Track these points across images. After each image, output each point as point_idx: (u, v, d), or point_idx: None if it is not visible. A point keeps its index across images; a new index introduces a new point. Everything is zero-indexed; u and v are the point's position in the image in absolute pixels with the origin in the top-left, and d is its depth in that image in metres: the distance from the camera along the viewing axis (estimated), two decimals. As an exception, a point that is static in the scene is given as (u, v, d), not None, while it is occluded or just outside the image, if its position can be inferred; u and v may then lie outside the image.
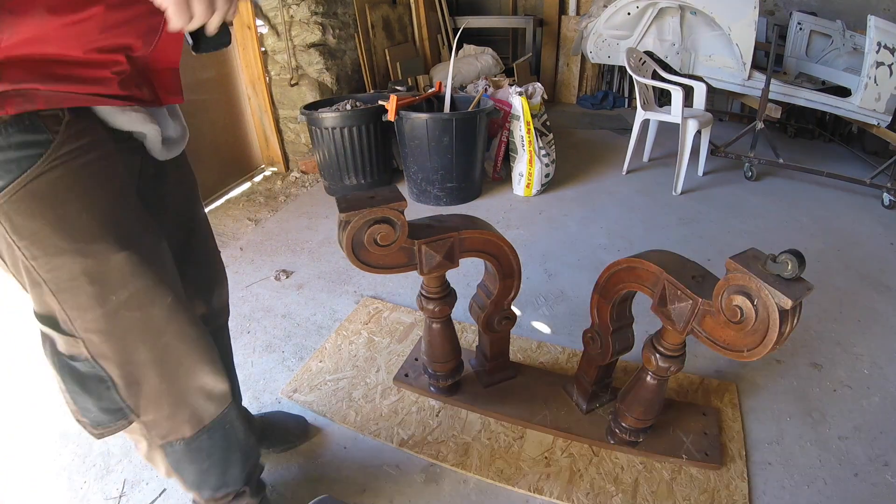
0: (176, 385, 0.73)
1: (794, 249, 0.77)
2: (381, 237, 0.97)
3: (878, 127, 2.77)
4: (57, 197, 0.58)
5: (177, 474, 0.86)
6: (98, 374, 0.67)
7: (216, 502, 0.96)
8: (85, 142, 0.60)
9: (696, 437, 1.25)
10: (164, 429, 0.76)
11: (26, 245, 0.59)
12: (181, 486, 0.92)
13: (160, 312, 0.68)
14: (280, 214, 2.63)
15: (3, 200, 0.55)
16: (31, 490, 1.22)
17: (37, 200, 0.56)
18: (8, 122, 0.53)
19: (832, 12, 3.67)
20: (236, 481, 0.94)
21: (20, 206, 0.56)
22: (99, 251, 0.61)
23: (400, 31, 3.80)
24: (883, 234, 2.38)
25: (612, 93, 4.69)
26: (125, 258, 0.62)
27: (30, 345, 1.71)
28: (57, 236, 0.59)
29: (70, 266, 0.60)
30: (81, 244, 0.60)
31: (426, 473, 1.23)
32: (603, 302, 1.15)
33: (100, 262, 0.61)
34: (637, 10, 3.19)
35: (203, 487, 0.91)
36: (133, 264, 0.63)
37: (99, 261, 0.61)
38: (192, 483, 0.89)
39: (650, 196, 2.78)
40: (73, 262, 0.60)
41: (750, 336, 0.84)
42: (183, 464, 0.83)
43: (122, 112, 0.64)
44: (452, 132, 2.42)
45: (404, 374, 1.49)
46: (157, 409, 0.72)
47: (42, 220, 0.57)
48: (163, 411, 0.73)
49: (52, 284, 0.61)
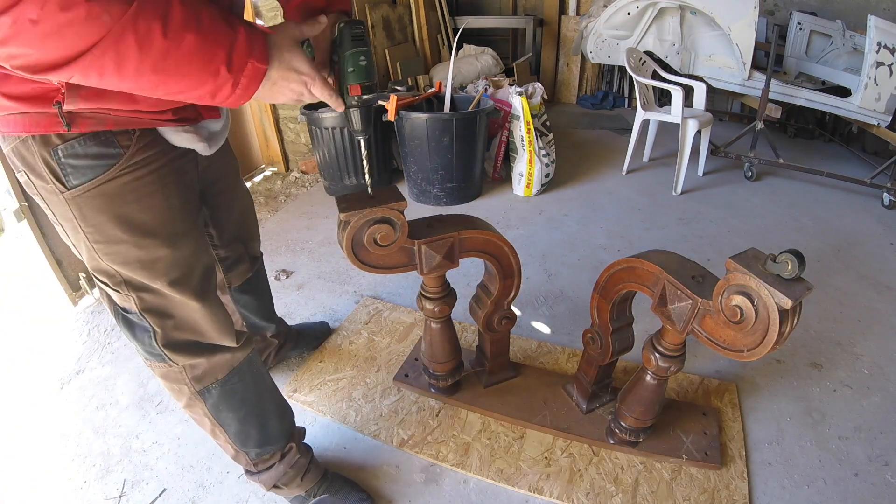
0: (204, 338, 0.88)
1: (794, 249, 0.77)
2: (381, 237, 0.97)
3: (878, 127, 2.77)
4: (122, 198, 0.72)
5: (220, 426, 0.96)
6: (143, 325, 0.82)
7: (265, 463, 1.04)
8: (149, 155, 0.74)
9: (696, 437, 1.25)
10: (200, 371, 0.88)
11: (91, 232, 0.73)
12: (228, 446, 1.00)
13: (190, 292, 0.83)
14: (280, 214, 2.63)
15: (78, 195, 0.70)
16: (31, 490, 1.22)
17: (105, 199, 0.71)
18: (87, 136, 0.67)
19: (832, 12, 3.67)
20: (278, 438, 1.04)
21: (91, 202, 0.70)
22: (149, 245, 0.76)
23: (400, 31, 3.80)
24: (883, 234, 2.38)
25: (612, 93, 4.69)
26: (169, 254, 0.78)
27: (30, 345, 1.71)
28: (118, 229, 0.73)
29: (125, 253, 0.75)
30: (137, 238, 0.74)
31: (426, 473, 1.23)
32: (603, 302, 1.15)
33: (149, 254, 0.76)
34: (637, 10, 3.18)
35: (248, 443, 1.00)
36: (175, 259, 0.79)
37: (148, 252, 0.76)
38: (236, 436, 0.98)
39: (650, 196, 2.78)
40: (127, 250, 0.75)
41: (750, 336, 0.84)
42: (222, 411, 0.94)
43: (176, 132, 0.77)
44: (452, 132, 2.42)
45: (404, 374, 1.49)
46: (191, 357, 0.87)
47: (107, 216, 0.72)
48: (195, 359, 0.87)
49: (109, 261, 0.76)
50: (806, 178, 2.99)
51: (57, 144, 0.67)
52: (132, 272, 0.77)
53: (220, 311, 0.90)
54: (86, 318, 1.82)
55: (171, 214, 0.78)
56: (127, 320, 0.83)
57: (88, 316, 1.83)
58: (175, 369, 0.87)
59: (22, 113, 0.64)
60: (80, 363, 1.62)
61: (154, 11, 0.52)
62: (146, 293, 0.80)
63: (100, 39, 0.50)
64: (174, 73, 0.56)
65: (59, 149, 0.67)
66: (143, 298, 0.80)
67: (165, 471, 1.25)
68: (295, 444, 1.08)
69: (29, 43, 0.48)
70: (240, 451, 1.01)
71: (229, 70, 0.59)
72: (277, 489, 1.09)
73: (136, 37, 0.51)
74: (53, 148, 0.67)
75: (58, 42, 0.49)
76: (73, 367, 1.60)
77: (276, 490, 1.09)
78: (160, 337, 0.83)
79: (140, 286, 0.79)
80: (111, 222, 0.72)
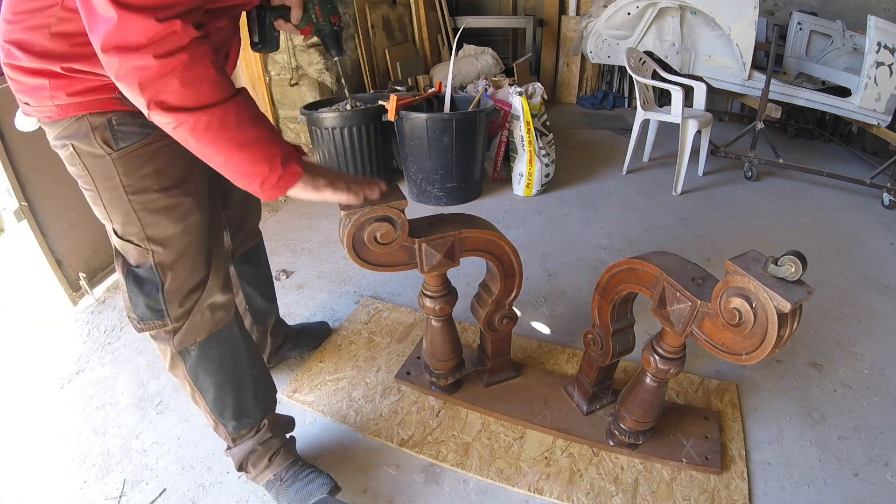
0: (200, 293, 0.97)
1: (795, 251, 0.77)
2: (382, 235, 0.98)
3: (878, 127, 2.77)
4: (157, 157, 0.87)
5: (199, 391, 1.03)
6: (153, 279, 0.92)
7: (241, 438, 1.10)
8: None
9: (696, 441, 1.25)
10: (183, 332, 0.97)
11: (130, 184, 0.86)
12: (207, 415, 1.06)
13: (203, 240, 0.95)
14: (280, 214, 2.63)
15: (123, 154, 0.84)
16: (31, 490, 1.22)
17: (145, 157, 0.86)
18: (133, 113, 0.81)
19: (832, 12, 3.66)
20: (254, 411, 1.09)
21: (134, 160, 0.85)
22: (175, 194, 0.90)
23: (400, 31, 3.80)
24: (883, 234, 2.38)
25: (612, 93, 4.69)
26: (190, 202, 0.92)
27: (30, 345, 1.71)
28: (152, 179, 0.87)
29: (157, 202, 0.88)
30: (166, 189, 0.88)
31: (426, 473, 1.23)
32: (604, 303, 1.15)
33: (175, 202, 0.90)
34: (637, 10, 3.19)
35: (225, 413, 1.06)
36: (194, 206, 0.92)
37: (175, 201, 0.90)
38: (213, 403, 1.04)
39: (650, 196, 2.78)
40: (158, 199, 0.88)
41: (748, 339, 0.84)
42: (200, 374, 1.01)
43: None
44: (452, 132, 2.42)
45: (406, 371, 1.49)
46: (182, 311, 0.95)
47: (143, 171, 0.86)
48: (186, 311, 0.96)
49: (141, 213, 0.88)
50: (806, 178, 2.99)
51: (111, 117, 0.81)
52: (157, 220, 0.90)
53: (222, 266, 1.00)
54: (86, 318, 1.82)
55: (192, 172, 0.92)
56: (136, 277, 0.93)
57: (88, 316, 1.83)
58: (166, 329, 0.96)
59: (89, 100, 0.78)
60: (80, 363, 1.61)
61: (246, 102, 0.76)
62: (163, 247, 0.91)
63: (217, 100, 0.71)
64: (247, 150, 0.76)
65: (112, 119, 0.81)
66: (159, 252, 0.91)
67: (165, 471, 1.25)
68: (268, 421, 1.12)
69: (174, 81, 0.66)
70: (218, 422, 1.07)
71: (282, 163, 0.79)
72: (245, 472, 1.14)
73: (236, 112, 0.73)
74: (108, 119, 0.81)
75: (192, 88, 0.68)
76: (73, 367, 1.60)
77: (245, 473, 1.14)
78: (167, 289, 0.93)
79: (160, 240, 0.91)
80: (148, 174, 0.86)
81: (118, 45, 0.63)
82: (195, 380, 1.02)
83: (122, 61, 0.64)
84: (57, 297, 1.86)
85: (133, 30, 0.62)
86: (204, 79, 0.69)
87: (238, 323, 1.07)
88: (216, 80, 0.70)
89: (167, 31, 0.63)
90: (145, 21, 0.61)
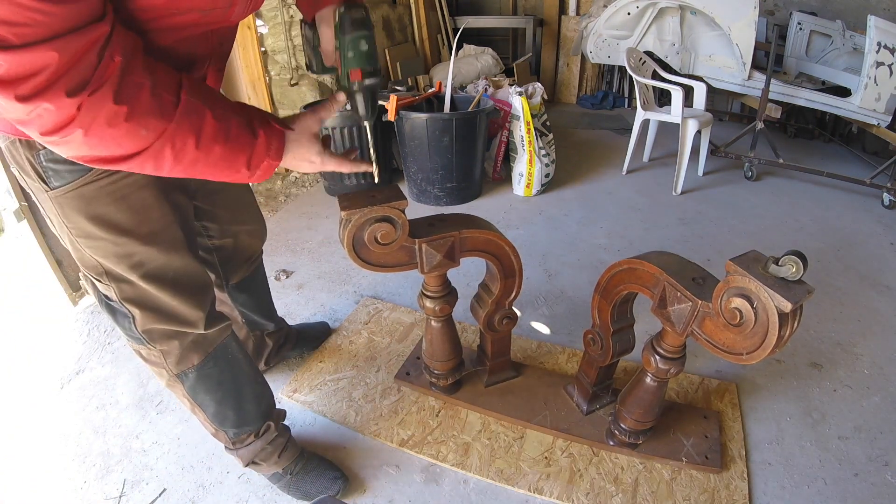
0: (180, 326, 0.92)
1: (796, 250, 0.77)
2: (382, 235, 0.98)
3: (878, 127, 2.77)
4: (99, 200, 0.77)
5: (198, 407, 1.01)
6: (123, 312, 0.88)
7: (242, 443, 1.09)
8: None
9: (696, 441, 1.25)
10: (176, 358, 0.94)
11: (73, 227, 0.78)
12: (207, 424, 1.05)
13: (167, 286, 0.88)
14: (280, 214, 2.63)
15: (60, 195, 0.75)
16: (31, 490, 1.22)
17: (83, 200, 0.76)
18: None
19: (832, 12, 3.66)
20: (255, 419, 1.08)
21: (71, 202, 0.76)
22: (125, 242, 0.81)
23: (400, 31, 3.80)
24: (883, 234, 2.38)
25: (612, 93, 4.69)
26: (145, 250, 0.83)
27: (30, 345, 1.71)
28: (96, 228, 0.78)
29: (104, 248, 0.81)
30: (114, 236, 0.80)
31: (426, 473, 1.23)
32: (604, 303, 1.15)
33: (125, 250, 0.81)
34: (637, 10, 3.18)
35: (225, 423, 1.05)
36: (150, 254, 0.84)
37: (125, 248, 0.81)
38: (214, 416, 1.03)
39: (650, 196, 2.78)
40: (105, 246, 0.80)
41: (749, 339, 0.84)
42: (199, 393, 0.99)
43: None
44: (452, 132, 2.42)
45: (406, 372, 1.49)
46: (168, 343, 0.92)
47: (85, 215, 0.77)
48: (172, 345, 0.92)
49: (91, 253, 0.82)
50: (806, 178, 2.99)
51: (39, 149, 0.71)
52: (112, 265, 0.83)
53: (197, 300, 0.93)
54: (86, 318, 1.82)
55: (146, 215, 0.82)
56: (109, 306, 0.90)
57: (88, 316, 1.83)
58: (154, 352, 0.93)
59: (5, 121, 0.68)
60: (80, 363, 1.61)
61: (189, 127, 0.60)
62: (125, 284, 0.86)
63: (142, 150, 0.59)
64: (203, 172, 0.66)
65: (41, 153, 0.71)
66: (123, 288, 0.86)
67: (165, 471, 1.25)
68: (273, 422, 1.13)
69: (83, 147, 0.56)
70: (219, 429, 1.06)
71: (248, 168, 0.69)
72: (255, 465, 1.14)
73: (173, 150, 0.61)
74: (37, 152, 0.71)
75: (105, 148, 0.57)
76: (73, 367, 1.60)
77: (253, 466, 1.14)
78: (139, 323, 0.89)
79: (119, 277, 0.85)
80: (89, 221, 0.78)
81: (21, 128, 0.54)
82: (194, 398, 1.00)
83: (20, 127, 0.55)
84: (57, 297, 1.86)
85: (4, 109, 0.51)
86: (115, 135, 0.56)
87: (234, 338, 1.04)
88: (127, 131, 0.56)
89: (34, 110, 0.50)
90: (6, 102, 0.49)
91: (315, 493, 1.15)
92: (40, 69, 0.47)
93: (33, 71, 0.47)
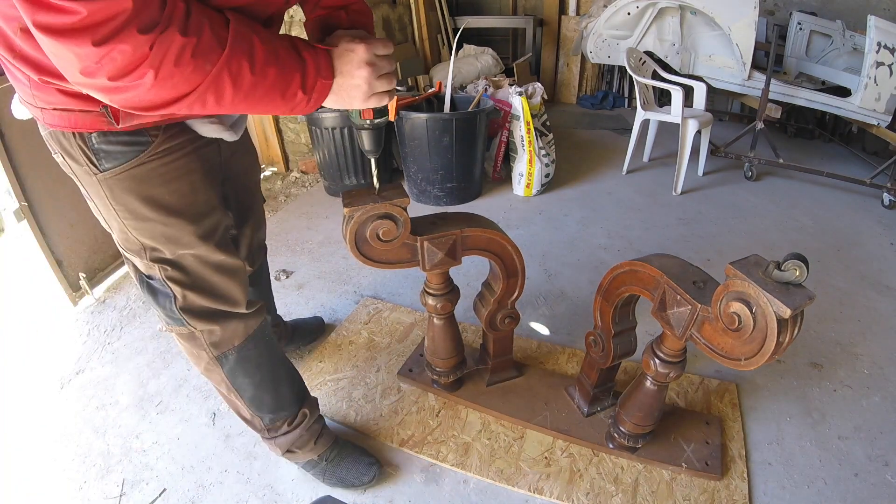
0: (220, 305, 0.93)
1: (798, 254, 0.76)
2: (384, 233, 0.99)
3: (878, 127, 2.77)
4: (150, 182, 0.79)
5: (236, 392, 1.02)
6: (165, 292, 0.89)
7: (277, 430, 1.10)
8: (175, 143, 0.81)
9: (697, 447, 1.24)
10: (217, 337, 0.94)
11: (121, 209, 0.80)
12: (242, 411, 1.06)
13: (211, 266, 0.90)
14: (280, 214, 2.63)
15: (110, 177, 0.77)
16: (31, 490, 1.22)
17: (134, 182, 0.78)
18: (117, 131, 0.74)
19: (832, 12, 3.66)
20: (291, 403, 1.10)
21: (121, 183, 0.78)
22: (174, 223, 0.83)
23: (400, 31, 3.80)
24: (883, 234, 2.38)
25: (612, 93, 4.69)
26: (193, 230, 0.85)
27: (30, 345, 1.71)
28: (146, 209, 0.81)
29: (152, 229, 0.83)
30: (163, 217, 0.82)
31: (426, 473, 1.23)
32: (605, 305, 1.15)
33: (174, 231, 0.84)
34: (637, 10, 3.18)
35: (262, 408, 1.06)
36: (198, 235, 0.86)
37: (174, 229, 0.83)
38: (251, 400, 1.04)
39: (650, 196, 2.78)
40: (154, 227, 0.83)
41: (748, 344, 0.83)
42: (238, 376, 1.00)
43: (204, 124, 0.85)
44: (452, 132, 2.42)
45: (408, 368, 1.49)
46: (207, 323, 0.93)
47: (136, 196, 0.79)
48: (211, 326, 0.93)
49: (137, 234, 0.83)
50: (806, 178, 2.99)
51: (92, 134, 0.74)
52: (158, 244, 0.85)
53: (237, 281, 0.95)
54: (86, 318, 1.82)
55: (194, 197, 0.85)
56: (151, 287, 0.90)
57: (88, 316, 1.83)
58: (195, 334, 0.93)
59: (69, 110, 0.70)
60: (80, 363, 1.61)
61: (242, 53, 0.61)
62: (170, 264, 0.87)
63: (202, 82, 0.59)
64: (262, 98, 0.66)
65: (92, 136, 0.73)
66: (167, 269, 0.87)
67: (165, 471, 1.25)
68: (308, 409, 1.13)
69: (147, 90, 0.57)
70: (255, 415, 1.07)
71: (304, 91, 0.69)
72: (291, 453, 1.14)
73: (231, 76, 0.61)
74: (88, 135, 0.73)
75: (170, 88, 0.58)
76: (73, 367, 1.60)
77: (289, 455, 1.14)
78: (180, 303, 0.89)
79: (165, 258, 0.86)
80: (140, 202, 0.80)
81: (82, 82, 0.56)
82: (233, 381, 1.00)
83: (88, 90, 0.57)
84: (57, 297, 1.86)
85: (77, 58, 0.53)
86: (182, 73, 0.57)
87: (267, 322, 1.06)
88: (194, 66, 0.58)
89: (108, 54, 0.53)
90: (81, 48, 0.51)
91: (350, 479, 1.16)
92: (116, 13, 0.50)
93: (111, 16, 0.50)
